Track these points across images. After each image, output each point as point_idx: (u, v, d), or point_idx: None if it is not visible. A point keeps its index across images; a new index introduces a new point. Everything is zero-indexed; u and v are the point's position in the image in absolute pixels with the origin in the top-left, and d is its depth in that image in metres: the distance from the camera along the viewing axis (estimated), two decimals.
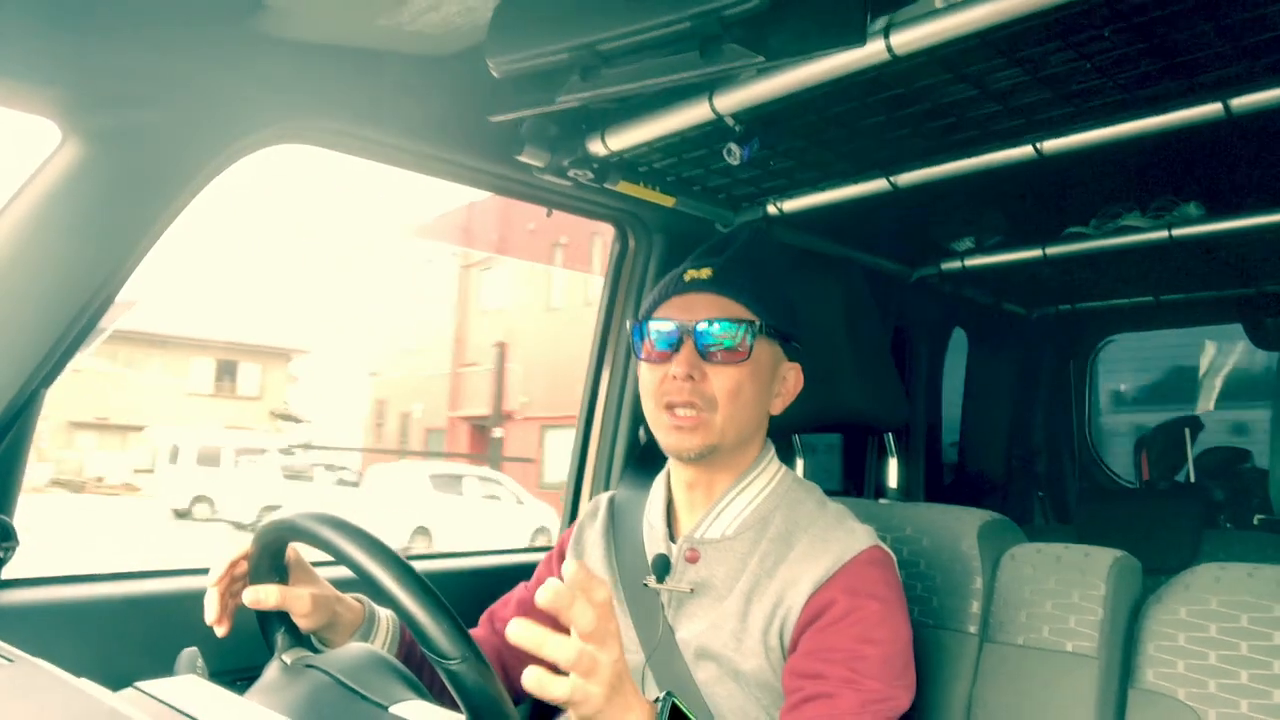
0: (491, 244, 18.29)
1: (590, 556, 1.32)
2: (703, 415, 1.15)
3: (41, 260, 1.18)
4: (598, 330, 1.98)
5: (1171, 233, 1.99)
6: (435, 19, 1.21)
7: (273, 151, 1.32)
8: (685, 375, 1.15)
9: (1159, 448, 3.01)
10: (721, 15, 0.94)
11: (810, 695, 1.03)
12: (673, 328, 1.17)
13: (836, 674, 1.03)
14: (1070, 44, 1.21)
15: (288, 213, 36.66)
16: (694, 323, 1.16)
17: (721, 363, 1.16)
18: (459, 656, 0.79)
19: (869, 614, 1.06)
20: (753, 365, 1.17)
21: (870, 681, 1.02)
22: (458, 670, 0.79)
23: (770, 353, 1.21)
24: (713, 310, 1.17)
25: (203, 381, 24.77)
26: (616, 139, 1.49)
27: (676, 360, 1.16)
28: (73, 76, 1.12)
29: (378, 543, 0.84)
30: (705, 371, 1.16)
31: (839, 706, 1.01)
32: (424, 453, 21.76)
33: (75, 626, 1.26)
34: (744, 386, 1.16)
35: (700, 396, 1.15)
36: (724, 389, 1.15)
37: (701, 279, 1.21)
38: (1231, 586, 1.13)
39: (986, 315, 3.03)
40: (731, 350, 1.15)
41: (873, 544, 1.12)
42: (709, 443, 1.16)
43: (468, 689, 0.79)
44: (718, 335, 1.15)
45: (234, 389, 25.39)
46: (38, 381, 1.19)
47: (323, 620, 1.05)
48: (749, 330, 1.16)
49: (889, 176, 1.70)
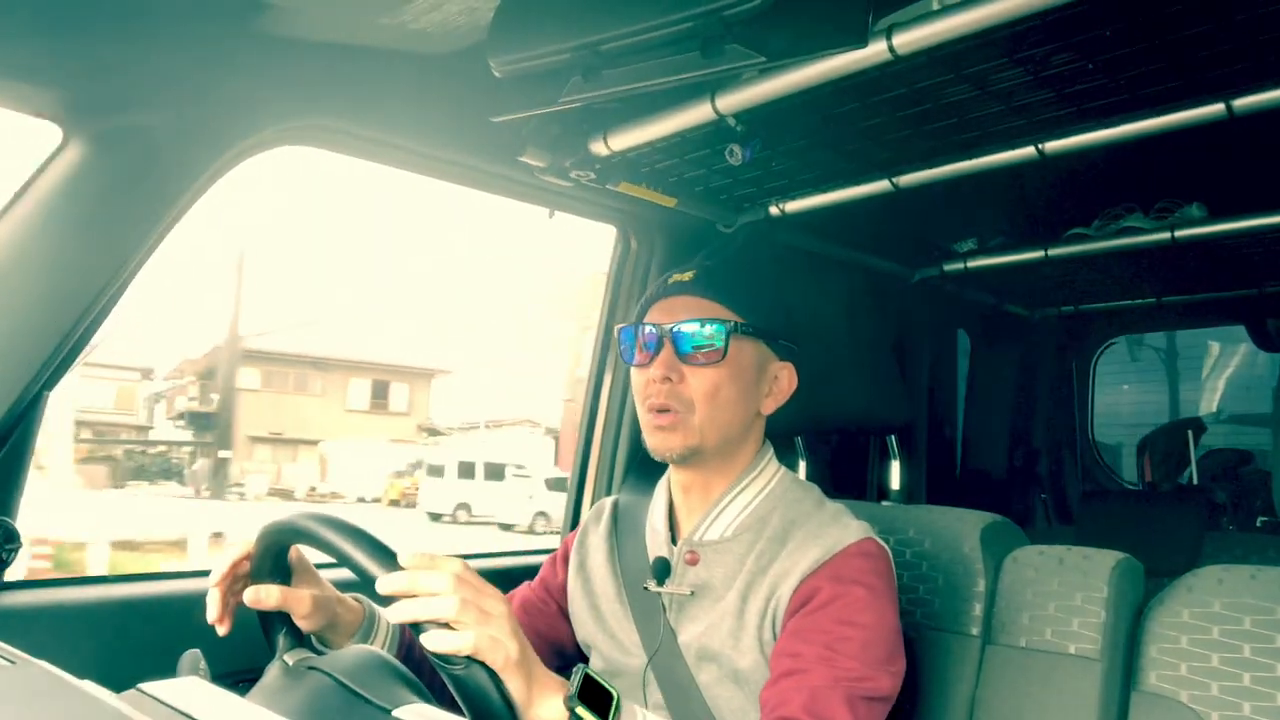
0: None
1: (594, 560, 1.32)
2: (681, 417, 1.15)
3: (44, 262, 1.18)
4: (599, 333, 1.98)
5: (1174, 234, 1.99)
6: (437, 18, 1.21)
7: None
8: (662, 378, 1.15)
9: (1161, 450, 3.01)
10: (723, 15, 0.94)
11: (786, 671, 1.02)
12: (652, 331, 1.18)
13: (812, 652, 1.02)
14: (1072, 44, 1.21)
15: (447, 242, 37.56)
16: (671, 325, 1.17)
17: (697, 364, 1.16)
18: (463, 661, 0.79)
19: (853, 599, 1.05)
20: (731, 366, 1.16)
21: (846, 660, 1.01)
22: (461, 674, 0.79)
23: (754, 352, 1.20)
24: (690, 312, 1.18)
25: (360, 400, 28.58)
26: (618, 139, 1.49)
27: (655, 363, 1.17)
28: (75, 78, 1.12)
29: (378, 542, 0.84)
30: (683, 373, 1.16)
31: (808, 680, 1.00)
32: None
33: (78, 628, 1.26)
34: (722, 387, 1.16)
35: (677, 399, 1.15)
36: (701, 390, 1.15)
37: (683, 281, 1.21)
38: (1234, 589, 1.13)
39: (988, 316, 3.03)
40: (708, 351, 1.15)
41: (865, 537, 1.12)
42: (689, 444, 1.15)
43: (470, 692, 0.79)
44: (692, 336, 1.16)
45: (386, 406, 29.07)
46: (41, 384, 1.19)
47: (323, 621, 1.05)
48: (724, 330, 1.15)
49: (891, 177, 1.69)
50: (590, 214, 1.86)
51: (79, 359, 1.24)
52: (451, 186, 1.61)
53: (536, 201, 1.74)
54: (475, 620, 0.81)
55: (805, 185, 1.81)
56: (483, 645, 0.81)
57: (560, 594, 1.36)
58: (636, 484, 1.41)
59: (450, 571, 0.83)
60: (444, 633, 0.80)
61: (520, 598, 1.38)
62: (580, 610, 1.30)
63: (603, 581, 1.29)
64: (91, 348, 1.25)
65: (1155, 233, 2.02)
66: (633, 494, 1.37)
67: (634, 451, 1.90)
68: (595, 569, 1.31)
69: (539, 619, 1.35)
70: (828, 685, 0.99)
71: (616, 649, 1.24)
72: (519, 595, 1.39)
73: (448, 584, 0.81)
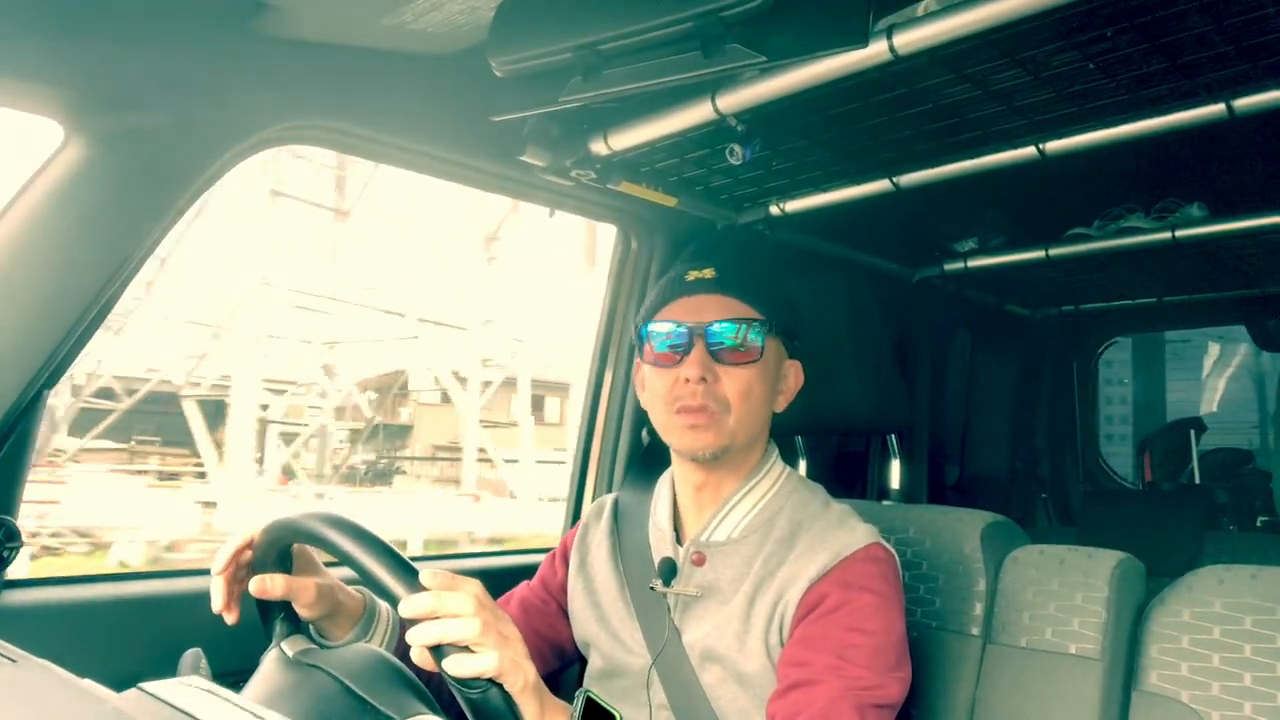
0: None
1: (595, 557, 1.32)
2: (716, 416, 1.15)
3: (44, 261, 1.18)
4: (600, 331, 1.98)
5: (1175, 234, 1.99)
6: (438, 18, 1.21)
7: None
8: (699, 378, 1.14)
9: (1162, 449, 3.00)
10: (723, 15, 0.94)
11: (795, 682, 1.02)
12: (682, 330, 1.17)
13: (822, 661, 1.02)
14: (1073, 44, 1.21)
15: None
16: (704, 324, 1.16)
17: (733, 364, 1.15)
18: (482, 685, 0.80)
19: (862, 606, 1.05)
20: (763, 365, 1.17)
21: (856, 669, 1.01)
22: (479, 699, 0.80)
23: (776, 351, 1.21)
24: (721, 311, 1.17)
25: (520, 412, 29.56)
26: (619, 139, 1.49)
27: (688, 363, 1.15)
28: (76, 77, 1.12)
29: (401, 559, 0.85)
30: (717, 373, 1.15)
31: (819, 691, 0.99)
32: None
33: (79, 627, 1.26)
34: (754, 387, 1.16)
35: (714, 399, 1.15)
36: (736, 390, 1.15)
37: (705, 279, 1.20)
38: (1235, 589, 1.13)
39: (989, 316, 3.02)
40: (743, 351, 1.15)
41: (873, 541, 1.12)
42: (722, 443, 1.15)
43: (489, 717, 0.80)
44: (729, 336, 1.15)
45: (543, 419, 31.04)
46: (41, 383, 1.19)
47: (324, 610, 1.05)
48: (759, 330, 1.16)
49: (891, 177, 1.69)
50: (591, 213, 1.86)
51: (78, 358, 1.24)
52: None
53: (537, 201, 1.74)
54: (495, 644, 0.81)
55: (806, 185, 1.81)
56: (505, 668, 0.81)
57: (560, 592, 1.35)
58: (637, 481, 1.40)
59: (470, 594, 0.83)
60: (466, 656, 0.80)
61: (519, 597, 1.38)
62: (581, 608, 1.30)
63: (605, 580, 1.29)
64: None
65: (1156, 233, 2.02)
66: (633, 491, 1.37)
67: (634, 449, 1.90)
68: (597, 567, 1.31)
69: (538, 619, 1.35)
70: (838, 696, 0.99)
71: (618, 647, 1.23)
72: (517, 595, 1.38)
73: (469, 606, 0.81)
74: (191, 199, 1.24)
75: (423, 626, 0.81)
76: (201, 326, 16.92)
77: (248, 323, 15.39)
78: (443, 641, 0.80)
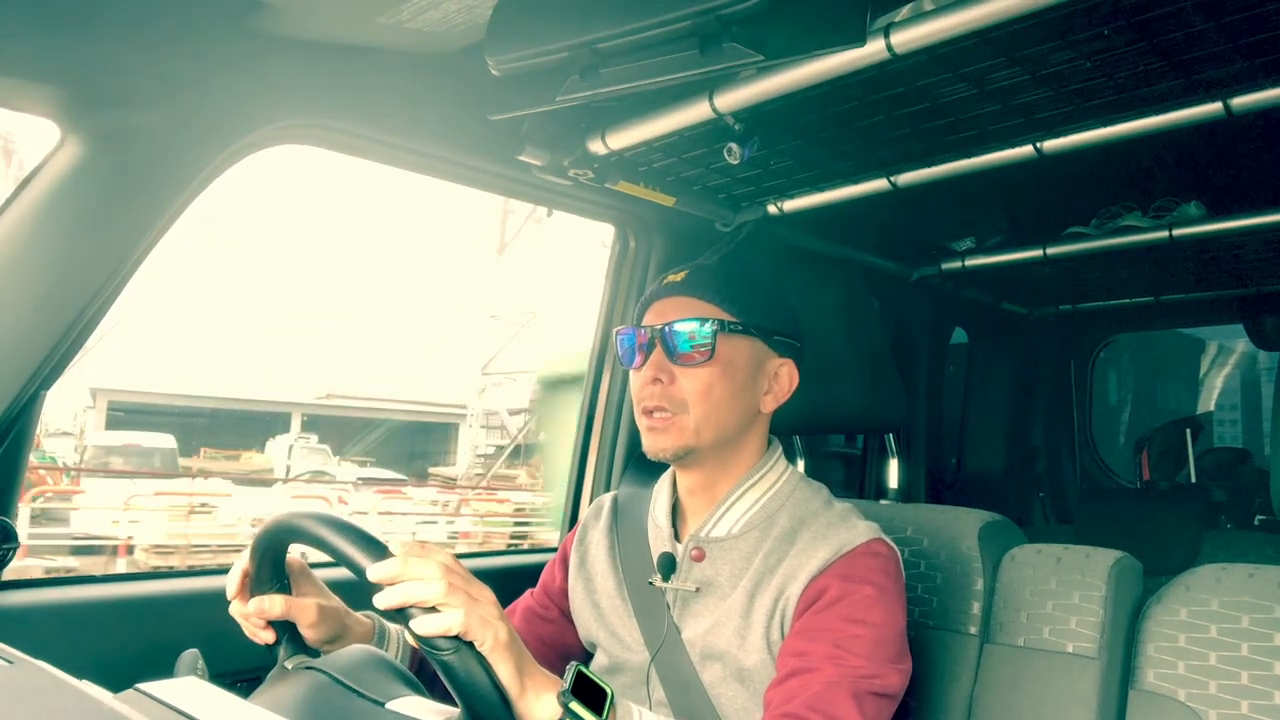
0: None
1: (594, 556, 1.32)
2: (674, 418, 1.15)
3: (41, 261, 1.17)
4: (598, 332, 1.98)
5: (1172, 233, 1.99)
6: (435, 17, 1.20)
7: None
8: (653, 379, 1.15)
9: (1159, 448, 3.01)
10: (721, 14, 0.94)
11: (793, 670, 1.02)
12: (643, 332, 1.18)
13: (821, 651, 1.02)
14: (1070, 43, 1.21)
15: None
16: (659, 326, 1.17)
17: (689, 364, 1.15)
18: (452, 645, 0.79)
19: (862, 598, 1.05)
20: (722, 364, 1.16)
21: (855, 659, 1.00)
22: (450, 659, 0.79)
23: (748, 350, 1.19)
24: (680, 312, 1.17)
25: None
26: (616, 138, 1.49)
27: (647, 365, 1.17)
28: (72, 76, 1.12)
29: (368, 535, 0.84)
30: (674, 374, 1.16)
31: (816, 678, 0.99)
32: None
33: (76, 628, 1.26)
34: (714, 386, 1.15)
35: (669, 400, 1.15)
36: (693, 390, 1.15)
37: (675, 282, 1.21)
38: (1232, 587, 1.13)
39: (987, 315, 3.03)
40: (697, 350, 1.15)
41: (874, 537, 1.12)
42: (682, 444, 1.15)
43: (460, 677, 0.79)
44: (681, 336, 1.15)
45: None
46: (38, 383, 1.18)
47: (331, 632, 1.04)
48: (711, 328, 1.15)
49: (889, 176, 1.69)
50: (589, 213, 1.86)
51: (77, 356, 1.24)
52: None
53: (535, 200, 1.74)
54: (462, 602, 0.80)
55: (804, 184, 1.81)
56: (471, 624, 0.80)
57: (561, 597, 1.35)
58: (636, 480, 1.40)
59: (437, 560, 0.83)
60: (431, 616, 0.80)
61: (522, 607, 1.38)
62: (582, 608, 1.30)
63: (604, 578, 1.29)
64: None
65: (1153, 231, 2.02)
66: (633, 490, 1.37)
67: (632, 449, 1.90)
68: (596, 565, 1.31)
69: (542, 626, 1.35)
70: (835, 682, 0.98)
71: (618, 645, 1.23)
72: (520, 605, 1.39)
73: (435, 570, 0.81)
74: (189, 198, 1.24)
75: (388, 590, 0.80)
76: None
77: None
78: (406, 603, 0.80)
